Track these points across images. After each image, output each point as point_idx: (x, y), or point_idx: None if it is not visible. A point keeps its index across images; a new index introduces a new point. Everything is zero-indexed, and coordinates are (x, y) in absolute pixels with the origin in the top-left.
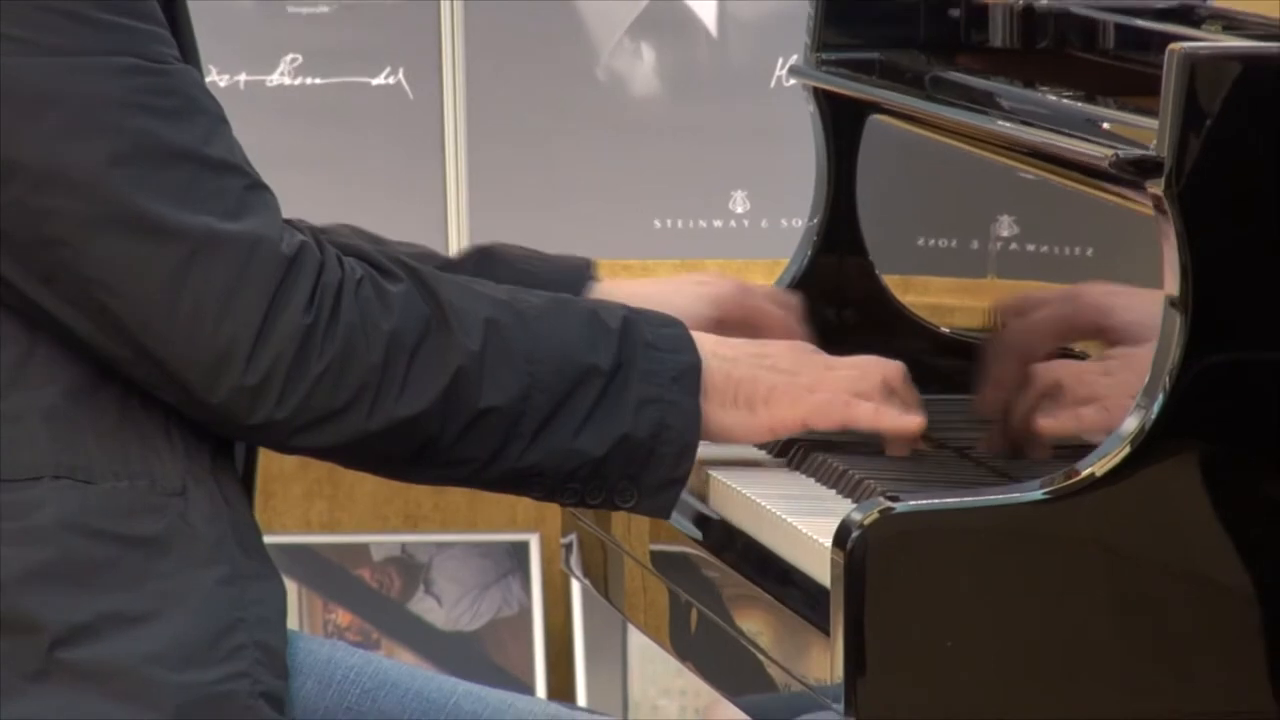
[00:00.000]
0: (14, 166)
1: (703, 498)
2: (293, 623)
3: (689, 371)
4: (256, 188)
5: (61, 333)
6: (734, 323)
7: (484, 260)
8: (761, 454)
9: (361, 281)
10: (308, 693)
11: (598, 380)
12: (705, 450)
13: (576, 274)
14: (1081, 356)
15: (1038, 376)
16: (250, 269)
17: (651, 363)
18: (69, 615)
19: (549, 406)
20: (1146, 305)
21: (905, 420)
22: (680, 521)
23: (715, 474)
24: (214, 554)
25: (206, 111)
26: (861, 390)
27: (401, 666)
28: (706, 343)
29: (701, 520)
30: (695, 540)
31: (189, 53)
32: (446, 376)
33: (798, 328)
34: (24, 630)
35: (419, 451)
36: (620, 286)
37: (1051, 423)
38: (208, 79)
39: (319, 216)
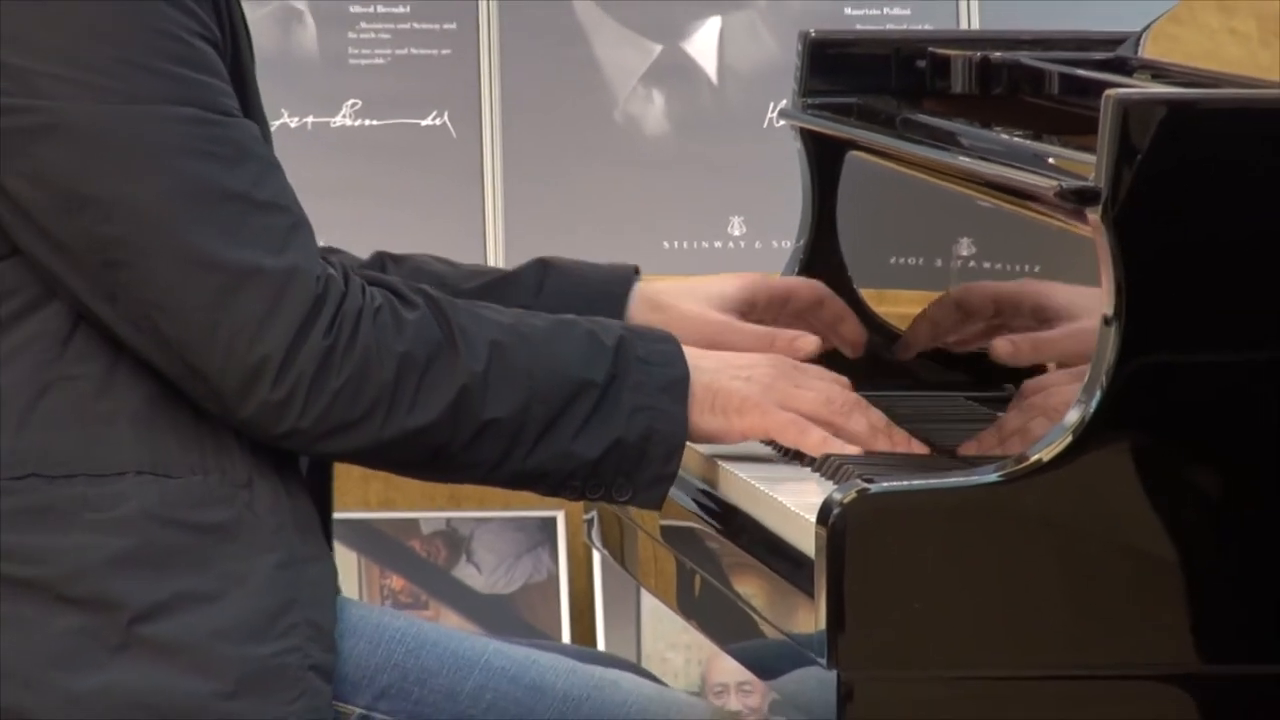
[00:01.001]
0: (85, 199)
1: (707, 481)
2: (353, 588)
3: (678, 383)
4: (299, 226)
5: (129, 347)
6: (763, 300)
7: (543, 269)
8: (760, 446)
9: (380, 309)
10: (360, 652)
11: (592, 392)
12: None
13: (624, 277)
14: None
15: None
16: (284, 299)
17: (643, 375)
18: (147, 595)
19: (548, 417)
20: (1076, 295)
21: (844, 451)
22: (687, 501)
23: (719, 462)
24: (274, 540)
25: (258, 158)
26: (820, 415)
27: (440, 628)
28: (693, 356)
29: (705, 499)
30: (699, 516)
31: (252, 104)
32: (452, 392)
33: (825, 293)
34: (107, 608)
35: (432, 457)
36: (661, 283)
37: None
38: (280, 121)
39: (374, 239)
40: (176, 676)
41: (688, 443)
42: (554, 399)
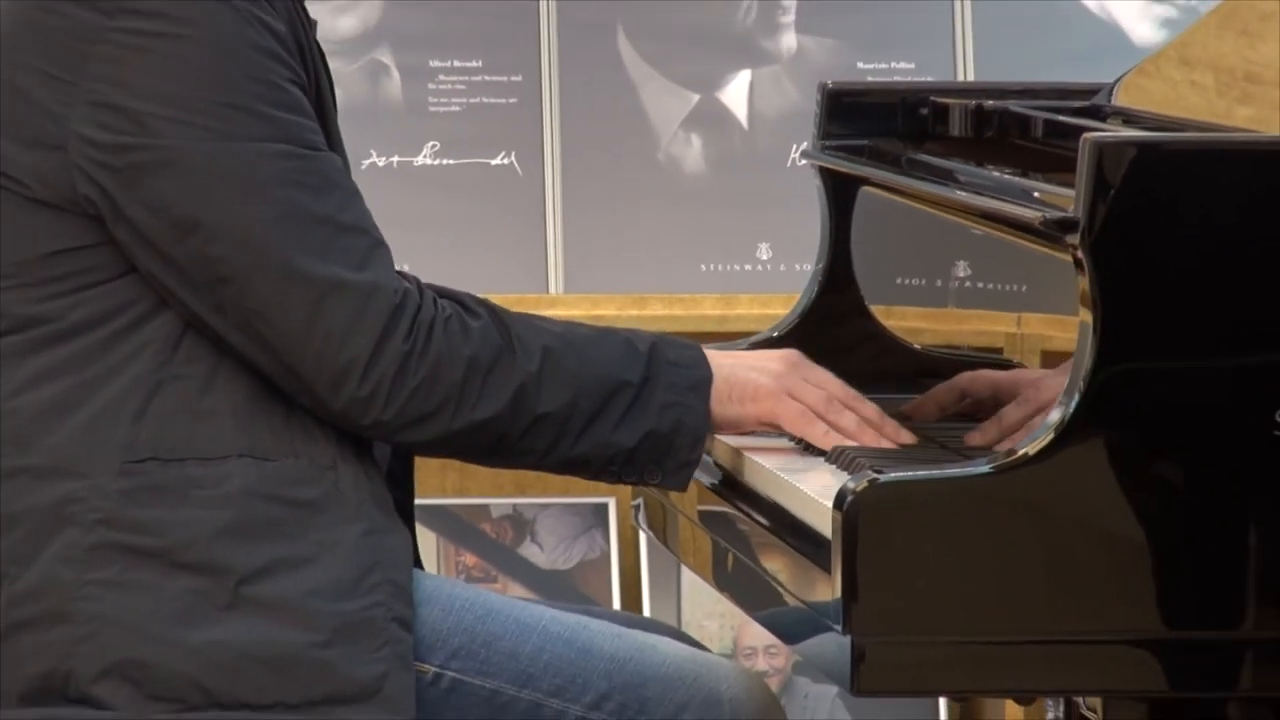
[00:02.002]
0: (195, 223)
1: (738, 472)
2: (432, 565)
3: (703, 382)
4: (378, 246)
5: (232, 350)
6: None
7: None
8: (783, 440)
9: (450, 318)
10: (435, 618)
11: (629, 391)
12: (740, 440)
13: None
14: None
15: (1039, 396)
16: (367, 309)
17: (673, 376)
18: (250, 560)
19: (592, 411)
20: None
21: (816, 434)
22: (720, 489)
23: (748, 455)
24: (358, 513)
25: (342, 187)
26: (822, 408)
27: (503, 597)
28: (713, 357)
29: (736, 488)
30: (732, 502)
31: (334, 138)
32: (511, 390)
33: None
34: (217, 573)
35: (493, 446)
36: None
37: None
38: (369, 160)
39: (450, 264)
40: (278, 630)
41: (716, 434)
42: (596, 396)
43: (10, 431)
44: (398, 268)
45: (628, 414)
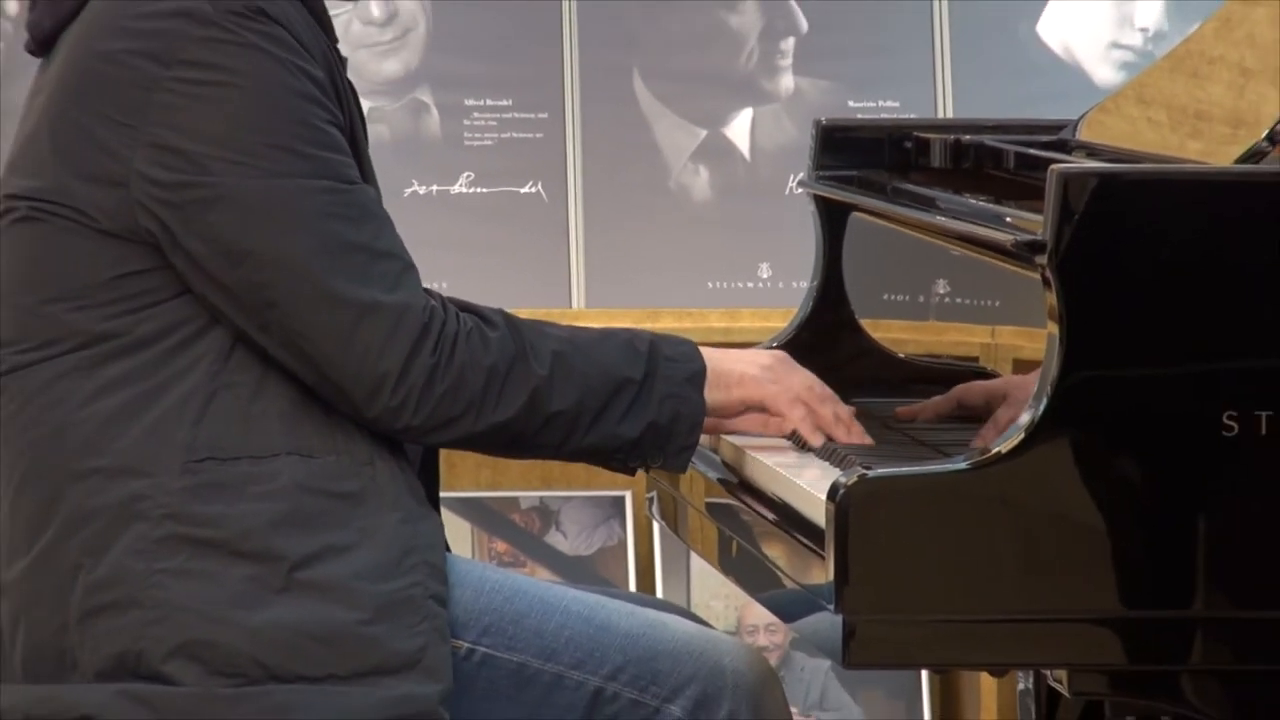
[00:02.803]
0: (245, 253)
1: (741, 468)
2: (467, 550)
3: (697, 374)
4: (408, 269)
5: (280, 364)
6: None
7: None
8: (783, 442)
9: (471, 331)
10: (467, 600)
11: (631, 387)
12: (744, 440)
13: None
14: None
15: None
16: (399, 327)
17: (670, 370)
18: (301, 548)
19: (598, 407)
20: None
21: (813, 436)
22: (726, 483)
23: (750, 453)
24: (394, 503)
25: (377, 216)
26: (803, 397)
27: (529, 579)
28: (706, 352)
29: (740, 482)
30: (736, 495)
31: (366, 171)
32: (526, 393)
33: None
34: (271, 559)
35: (511, 442)
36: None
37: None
38: (410, 189)
39: (482, 282)
40: (328, 609)
41: (710, 419)
42: (602, 393)
43: (83, 436)
44: (437, 285)
45: (631, 407)
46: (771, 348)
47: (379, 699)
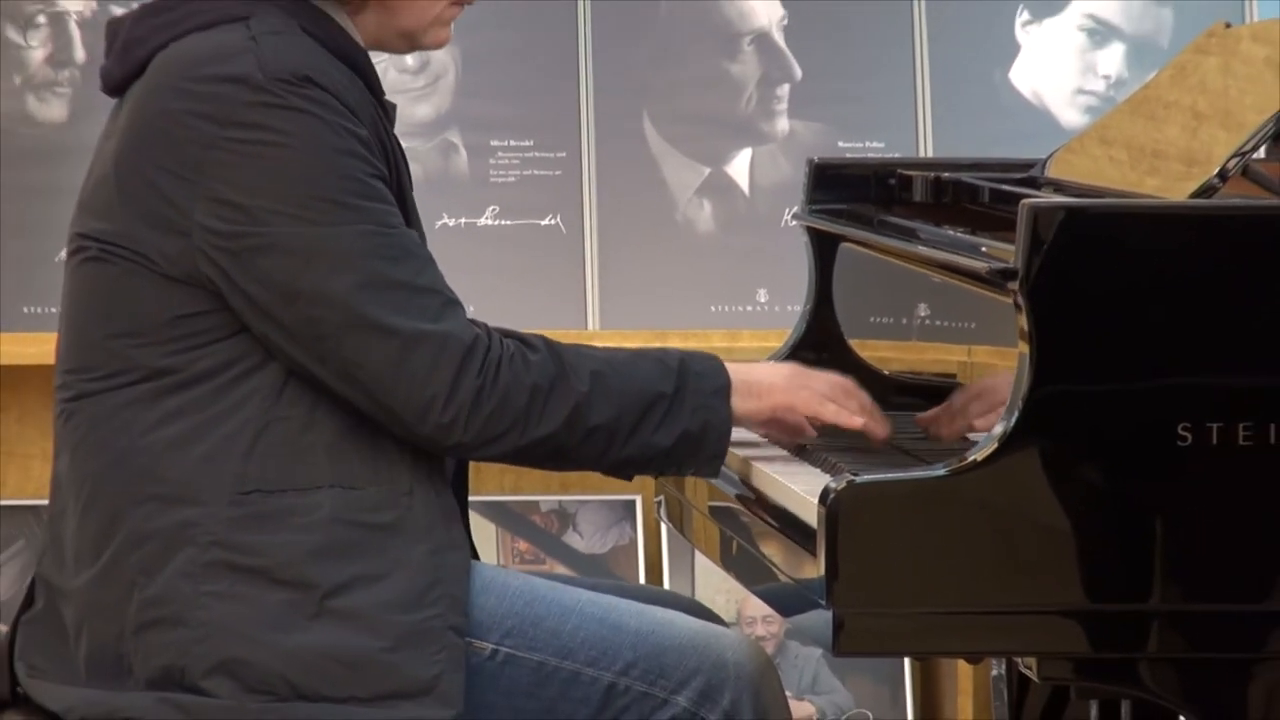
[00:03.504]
0: (297, 293)
1: (741, 474)
2: (491, 549)
3: (723, 388)
4: (450, 303)
5: (332, 394)
6: None
7: None
8: (780, 450)
9: (514, 355)
10: (490, 605)
11: (664, 401)
12: (744, 451)
13: None
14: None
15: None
16: (443, 353)
17: (699, 384)
18: (334, 577)
19: (635, 420)
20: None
21: (853, 419)
22: (727, 488)
23: (750, 461)
24: (427, 534)
25: (418, 256)
26: (830, 395)
27: (548, 583)
28: (730, 366)
29: (740, 487)
30: (736, 499)
31: (412, 216)
32: (567, 410)
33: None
34: (306, 587)
35: (556, 454)
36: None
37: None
38: (441, 221)
39: (507, 306)
40: (353, 636)
41: (738, 427)
42: (638, 407)
43: (143, 463)
44: (468, 308)
45: (665, 419)
46: None
47: None
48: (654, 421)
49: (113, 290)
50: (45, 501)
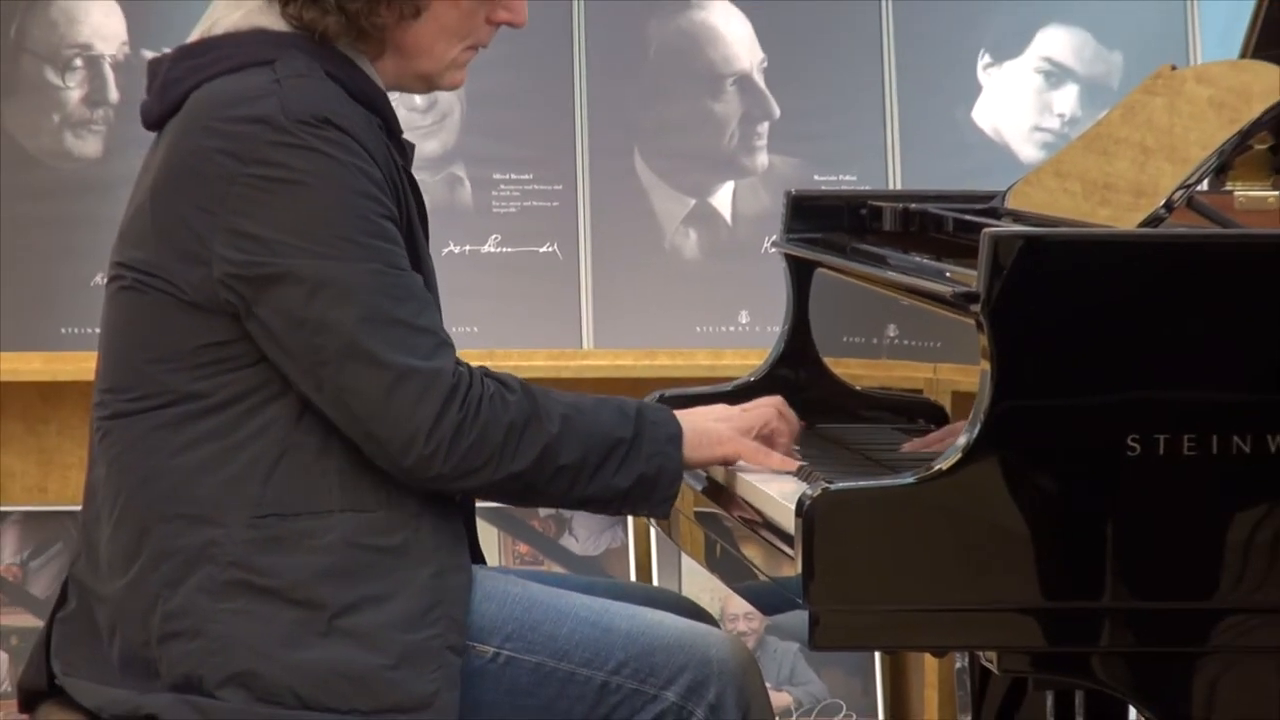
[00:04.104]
0: (304, 321)
1: (725, 482)
2: (494, 551)
3: (676, 436)
4: (443, 344)
5: (330, 419)
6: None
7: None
8: None
9: (493, 394)
10: (492, 611)
11: (624, 446)
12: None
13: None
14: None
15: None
16: (431, 389)
17: (654, 432)
18: (342, 598)
19: (597, 462)
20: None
21: (770, 462)
22: (710, 495)
23: (735, 471)
24: (432, 557)
25: (420, 299)
26: (766, 437)
27: (545, 590)
28: (681, 415)
29: (723, 494)
30: (719, 505)
31: (422, 258)
32: (538, 449)
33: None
34: (316, 607)
35: (525, 490)
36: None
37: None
38: (448, 249)
39: (508, 328)
40: (358, 654)
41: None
42: (601, 449)
43: (170, 484)
44: (470, 329)
45: (624, 463)
46: (750, 381)
47: None
48: (615, 464)
49: (146, 318)
50: (80, 507)
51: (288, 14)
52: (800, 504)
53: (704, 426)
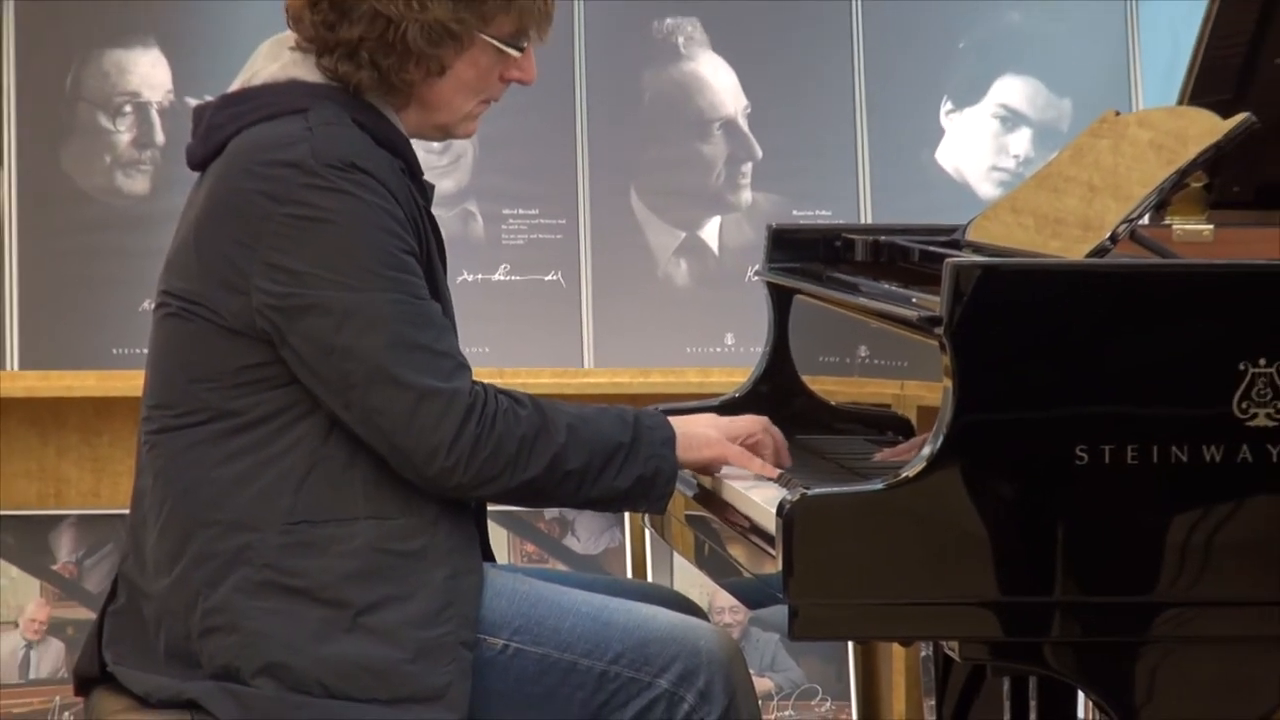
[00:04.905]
0: (333, 348)
1: (713, 488)
2: (504, 550)
3: (670, 439)
4: (461, 366)
5: (358, 435)
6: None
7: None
8: (740, 470)
9: (507, 410)
10: (501, 607)
11: (623, 450)
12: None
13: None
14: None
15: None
16: (451, 407)
17: (651, 436)
18: (366, 597)
19: (600, 466)
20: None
21: (752, 466)
22: (700, 500)
23: (719, 477)
24: (447, 560)
25: (438, 326)
26: (750, 447)
27: (551, 587)
28: (675, 421)
29: (711, 499)
30: (708, 508)
31: (441, 288)
32: (548, 458)
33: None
34: (342, 606)
35: (536, 495)
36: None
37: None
38: (461, 277)
39: (517, 348)
40: (379, 648)
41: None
42: (603, 454)
43: (211, 494)
44: (482, 350)
45: (624, 465)
46: (734, 397)
47: None
48: (616, 467)
49: (190, 342)
50: (129, 511)
51: (322, 66)
52: (781, 508)
53: (695, 431)
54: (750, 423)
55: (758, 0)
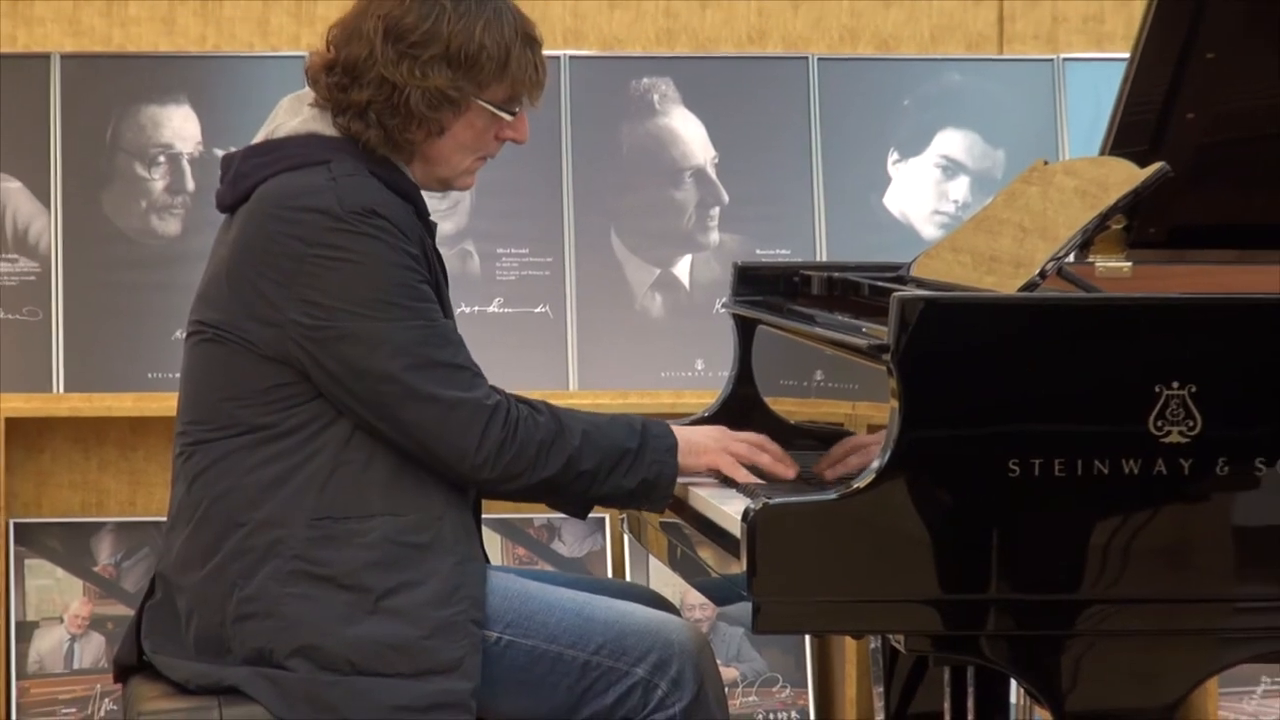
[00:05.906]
0: (365, 371)
1: (684, 498)
2: (497, 553)
3: (673, 447)
4: (478, 376)
5: (392, 444)
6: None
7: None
8: (713, 481)
9: (526, 416)
10: (496, 603)
11: (631, 455)
12: (684, 479)
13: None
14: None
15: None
16: (476, 413)
17: (656, 443)
18: (385, 583)
19: (610, 468)
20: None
21: (736, 475)
22: (672, 508)
23: (690, 488)
24: (454, 549)
25: (455, 342)
26: (747, 455)
27: (540, 585)
28: (679, 431)
29: (683, 508)
30: (680, 516)
31: (447, 310)
32: (564, 459)
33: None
34: (364, 591)
35: (552, 492)
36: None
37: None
38: (460, 309)
39: (511, 372)
40: (399, 628)
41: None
42: (613, 458)
43: (245, 497)
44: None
45: (631, 468)
46: (704, 417)
47: (429, 690)
48: (624, 469)
49: (222, 365)
50: (165, 518)
51: (338, 123)
52: (745, 515)
53: (695, 440)
54: (751, 436)
55: (725, 61)
